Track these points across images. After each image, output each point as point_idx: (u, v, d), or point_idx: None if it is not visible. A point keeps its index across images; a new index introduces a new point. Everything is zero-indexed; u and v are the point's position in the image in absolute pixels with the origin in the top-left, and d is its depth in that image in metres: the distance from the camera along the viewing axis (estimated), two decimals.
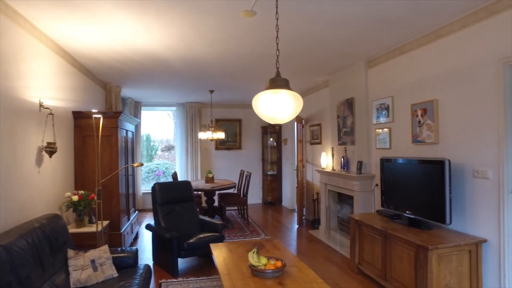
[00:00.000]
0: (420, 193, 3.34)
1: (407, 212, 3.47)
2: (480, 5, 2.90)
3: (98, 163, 3.82)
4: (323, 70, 5.24)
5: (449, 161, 3.00)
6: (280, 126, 8.94)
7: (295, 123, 6.68)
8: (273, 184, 8.94)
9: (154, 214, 4.49)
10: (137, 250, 3.26)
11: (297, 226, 6.46)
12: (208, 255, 4.37)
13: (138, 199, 8.09)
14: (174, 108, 8.65)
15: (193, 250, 4.06)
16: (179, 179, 8.07)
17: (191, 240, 4.05)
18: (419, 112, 3.61)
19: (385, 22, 3.24)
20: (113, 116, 4.43)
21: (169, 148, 10.22)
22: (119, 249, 3.22)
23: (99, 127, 3.70)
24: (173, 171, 8.12)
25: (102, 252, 2.90)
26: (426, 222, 3.26)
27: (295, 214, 7.00)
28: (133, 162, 5.65)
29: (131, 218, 5.26)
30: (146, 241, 5.51)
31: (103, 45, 3.82)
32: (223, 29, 3.40)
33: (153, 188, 4.56)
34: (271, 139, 9.01)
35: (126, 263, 3.09)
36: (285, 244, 5.20)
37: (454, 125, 3.22)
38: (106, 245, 3.04)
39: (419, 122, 3.61)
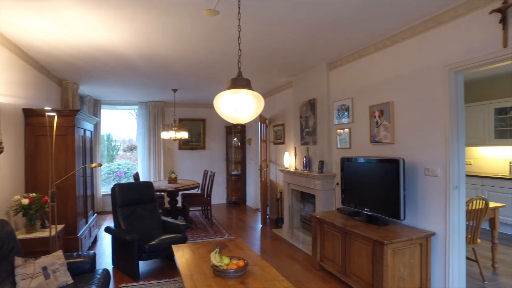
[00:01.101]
0: (377, 191, 3.49)
1: (366, 209, 3.62)
2: (428, 16, 3.10)
3: (52, 164, 3.62)
4: (286, 71, 5.32)
5: (403, 160, 3.17)
6: (244, 126, 8.97)
7: (259, 123, 6.72)
8: (237, 184, 8.95)
9: (114, 216, 4.33)
10: (94, 254, 3.13)
11: (261, 225, 6.51)
12: (171, 257, 4.30)
13: (98, 201, 7.77)
14: (136, 107, 8.39)
15: (155, 252, 3.97)
16: (141, 179, 7.85)
17: (153, 242, 3.96)
18: (376, 114, 3.78)
19: (346, 27, 3.36)
20: (69, 114, 4.21)
21: (132, 148, 9.89)
22: (75, 254, 3.07)
23: (53, 126, 3.51)
24: (135, 172, 7.87)
25: (56, 258, 2.75)
26: (383, 218, 3.42)
27: (259, 214, 7.05)
28: (91, 162, 5.41)
29: (89, 221, 5.03)
30: (105, 244, 5.30)
31: (58, 40, 3.62)
32: (186, 28, 3.36)
33: (113, 189, 4.40)
34: (235, 139, 9.01)
35: (83, 268, 2.96)
36: (249, 244, 5.23)
37: (408, 126, 3.41)
38: (60, 251, 2.89)
39: (377, 123, 3.78)
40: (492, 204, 3.80)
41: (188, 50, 4.11)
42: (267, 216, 7.04)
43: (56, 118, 3.54)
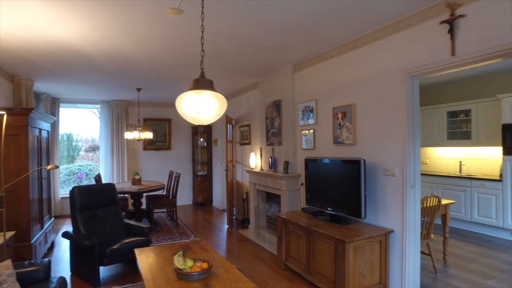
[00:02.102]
0: (339, 190, 3.60)
1: (329, 209, 3.71)
2: (387, 22, 3.24)
3: (1, 167, 3.39)
4: (252, 72, 5.34)
5: (364, 161, 3.29)
6: (210, 126, 8.90)
7: (226, 124, 6.70)
8: (203, 184, 8.86)
9: (72, 221, 4.13)
10: (49, 261, 2.96)
11: (227, 226, 6.49)
12: (134, 261, 4.17)
13: (56, 205, 7.38)
14: (99, 105, 8.06)
15: (117, 256, 3.83)
16: (104, 181, 7.55)
17: (115, 246, 3.82)
18: (339, 115, 3.89)
19: (311, 30, 3.43)
20: (21, 113, 3.96)
21: (94, 148, 9.48)
22: (26, 262, 2.89)
23: (1, 126, 3.29)
24: (97, 173, 7.56)
25: (3, 269, 2.57)
26: (345, 217, 3.53)
27: (226, 214, 7.02)
28: (48, 164, 5.13)
29: (45, 226, 4.77)
30: (63, 250, 5.04)
31: (9, 33, 3.40)
32: (150, 26, 3.27)
33: (72, 192, 4.19)
34: (201, 139, 8.92)
35: (35, 277, 2.78)
36: (215, 245, 5.20)
37: (369, 127, 3.54)
38: (9, 260, 2.70)
39: (340, 124, 3.89)
40: (444, 201, 4.04)
41: (152, 49, 4.01)
42: (234, 217, 7.03)
43: (5, 117, 3.32)
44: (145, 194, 6.85)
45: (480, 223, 5.49)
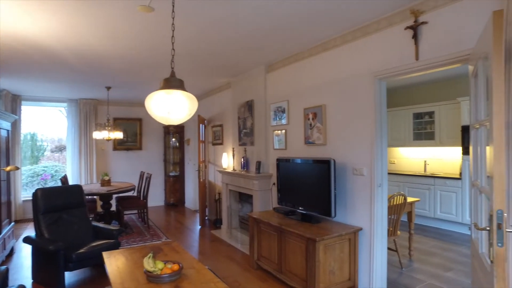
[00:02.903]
0: (310, 190, 3.66)
1: (300, 208, 3.77)
2: (356, 26, 3.33)
3: None
4: (225, 72, 5.33)
5: (334, 161, 3.37)
6: (182, 126, 8.79)
7: (198, 124, 6.63)
8: (175, 185, 8.74)
9: (35, 225, 3.95)
10: (7, 269, 2.82)
11: (199, 226, 6.44)
12: (102, 265, 4.04)
13: (17, 208, 7.02)
14: (66, 104, 7.75)
15: (83, 261, 3.70)
16: (71, 183, 7.26)
17: (81, 250, 3.69)
18: (310, 116, 3.96)
19: (283, 31, 3.47)
20: None
21: (61, 148, 9.08)
22: None
23: None
24: (63, 174, 7.26)
25: None
26: (316, 216, 3.60)
27: (198, 215, 6.96)
28: (8, 165, 4.86)
29: (4, 231, 4.52)
30: (24, 256, 4.80)
31: None
32: (120, 23, 3.19)
33: (34, 194, 4.01)
34: (173, 139, 8.79)
35: None
36: (187, 246, 5.14)
37: (339, 128, 3.63)
38: None
39: (311, 125, 3.96)
40: (410, 199, 4.22)
41: (122, 47, 3.91)
42: (206, 217, 6.99)
43: None
44: (114, 196, 6.65)
45: (442, 219, 5.78)
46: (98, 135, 6.51)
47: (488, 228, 1.64)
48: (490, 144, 1.67)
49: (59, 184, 7.32)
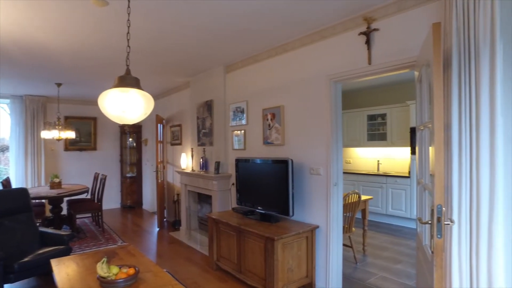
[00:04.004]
0: (269, 190, 3.71)
1: (259, 208, 3.81)
2: (313, 30, 3.43)
3: None
4: (183, 71, 5.25)
5: (292, 161, 3.45)
6: (140, 126, 8.53)
7: (156, 123, 6.47)
8: (132, 186, 8.45)
9: None
10: None
11: (158, 229, 6.28)
12: (51, 273, 3.81)
13: None
14: (8, 100, 7.18)
15: (28, 270, 3.44)
16: (15, 186, 6.75)
17: (25, 259, 3.44)
18: (269, 116, 4.02)
19: (242, 32, 3.49)
20: None
21: (3, 149, 8.39)
22: None
23: None
24: (5, 177, 6.72)
25: None
26: (275, 215, 3.65)
27: (156, 217, 6.78)
28: None
29: None
30: None
31: None
32: (71, 16, 3.03)
33: None
34: (130, 139, 8.50)
35: None
36: (144, 249, 4.99)
37: (297, 129, 3.72)
38: None
39: (269, 125, 4.02)
40: (364, 197, 4.42)
41: (74, 41, 3.71)
42: (165, 219, 6.83)
43: None
44: (66, 199, 6.29)
45: (393, 215, 6.12)
46: (47, 134, 6.11)
47: (429, 222, 1.77)
48: (432, 144, 1.81)
49: (0, 187, 6.78)
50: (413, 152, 5.83)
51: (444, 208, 1.69)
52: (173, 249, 5.01)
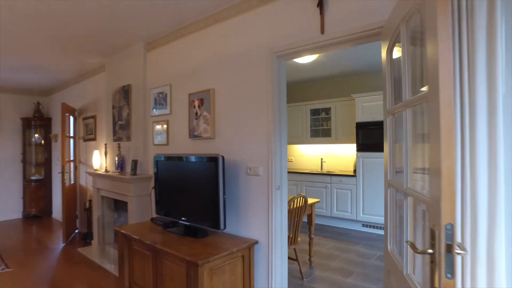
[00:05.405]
0: (194, 195, 2.89)
1: (183, 218, 2.97)
2: None
3: None
4: (96, 49, 4.18)
5: (223, 158, 2.66)
6: (49, 118, 7.09)
7: (62, 113, 5.23)
8: (39, 192, 6.99)
9: None
10: None
11: (63, 244, 5.07)
12: None
13: None
14: None
15: None
16: None
17: None
18: (196, 103, 3.20)
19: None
20: None
21: None
22: None
23: None
24: None
25: None
26: (202, 228, 2.84)
27: (62, 229, 5.54)
28: None
29: None
30: None
31: None
32: None
33: None
34: (36, 135, 7.02)
35: None
36: (36, 275, 3.83)
37: (230, 118, 2.95)
38: None
39: (196, 114, 3.19)
40: (310, 201, 3.81)
41: None
42: (77, 231, 5.62)
43: None
44: None
45: (339, 217, 5.67)
46: None
47: (430, 251, 1.11)
48: (433, 131, 1.15)
49: None
50: (359, 149, 5.42)
51: (457, 230, 1.04)
52: (77, 273, 3.93)
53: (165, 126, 3.64)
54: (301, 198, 3.42)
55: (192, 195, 2.92)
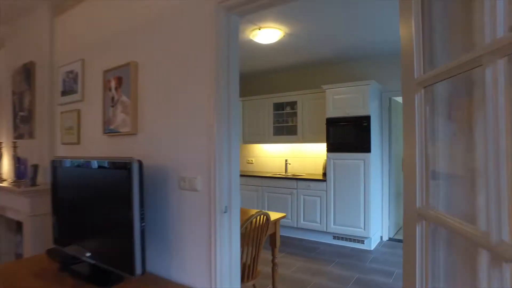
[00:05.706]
0: (103, 220, 1.93)
1: (87, 254, 1.99)
2: None
3: None
4: None
5: (140, 164, 1.71)
6: None
7: None
8: None
9: None
10: None
11: None
12: None
13: None
14: None
15: None
16: None
17: None
18: (112, 84, 2.23)
19: None
20: None
21: None
22: None
23: None
24: None
25: None
26: (113, 272, 1.88)
27: None
28: None
29: None
30: None
31: None
32: None
33: None
34: None
35: None
36: None
37: (158, 104, 2.02)
38: None
39: (113, 99, 2.23)
40: (274, 216, 2.96)
41: None
42: None
43: None
44: None
45: (306, 229, 4.89)
46: None
47: None
48: None
49: None
50: (330, 149, 4.68)
51: None
52: None
53: (75, 117, 2.63)
54: (262, 217, 2.55)
55: (100, 220, 1.95)
